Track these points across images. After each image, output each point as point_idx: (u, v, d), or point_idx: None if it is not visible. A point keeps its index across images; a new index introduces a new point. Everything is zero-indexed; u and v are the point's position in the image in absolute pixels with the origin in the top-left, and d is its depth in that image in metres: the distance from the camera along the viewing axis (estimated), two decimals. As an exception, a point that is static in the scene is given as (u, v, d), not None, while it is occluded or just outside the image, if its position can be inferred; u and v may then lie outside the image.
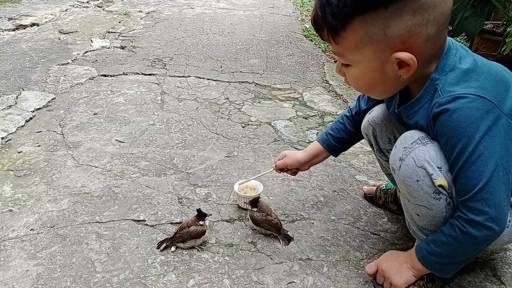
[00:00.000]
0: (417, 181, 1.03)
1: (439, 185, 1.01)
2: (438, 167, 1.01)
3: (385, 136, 1.31)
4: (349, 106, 1.45)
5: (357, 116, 1.41)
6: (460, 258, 1.07)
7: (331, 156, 1.47)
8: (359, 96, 1.43)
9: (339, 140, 1.43)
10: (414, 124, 1.08)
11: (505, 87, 0.99)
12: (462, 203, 1.00)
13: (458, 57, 1.00)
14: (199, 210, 1.33)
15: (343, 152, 1.49)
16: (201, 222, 1.32)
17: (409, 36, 0.91)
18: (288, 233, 1.40)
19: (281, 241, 1.36)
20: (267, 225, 1.36)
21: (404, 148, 1.05)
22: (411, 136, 1.06)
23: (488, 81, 0.97)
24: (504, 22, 2.99)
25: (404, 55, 0.93)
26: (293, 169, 1.50)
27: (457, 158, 0.97)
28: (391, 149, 1.29)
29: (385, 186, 1.55)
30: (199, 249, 1.31)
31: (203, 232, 1.31)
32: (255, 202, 1.41)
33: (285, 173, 1.53)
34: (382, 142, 1.33)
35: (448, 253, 1.05)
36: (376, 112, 1.31)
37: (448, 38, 1.03)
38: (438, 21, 0.91)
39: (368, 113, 1.35)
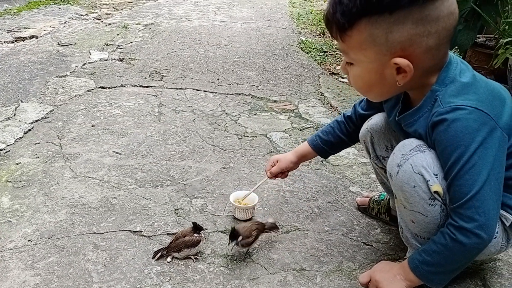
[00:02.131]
0: (414, 186, 1.07)
1: (435, 191, 1.05)
2: (434, 174, 1.05)
3: (382, 143, 1.36)
4: (343, 113, 1.50)
5: (349, 121, 1.46)
6: (451, 266, 1.09)
7: (323, 160, 1.53)
8: (355, 104, 1.48)
9: (326, 142, 1.48)
10: (413, 132, 1.12)
11: (501, 102, 1.04)
12: (453, 210, 1.04)
13: (458, 70, 1.05)
14: (194, 223, 1.35)
15: (333, 155, 1.56)
16: (196, 234, 1.34)
17: (409, 44, 0.97)
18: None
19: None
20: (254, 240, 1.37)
21: (402, 154, 1.09)
22: (409, 143, 1.10)
23: (485, 95, 1.02)
24: (496, 36, 3.05)
25: (401, 61, 0.98)
26: (286, 173, 1.56)
27: (452, 166, 1.01)
28: (387, 157, 1.34)
29: (378, 197, 1.58)
30: (195, 259, 1.33)
31: (198, 241, 1.33)
32: (235, 235, 1.31)
33: (278, 178, 1.57)
34: (379, 149, 1.38)
35: (439, 262, 1.08)
36: (375, 119, 1.36)
37: (450, 53, 1.08)
38: (440, 35, 0.97)
39: (367, 121, 1.39)
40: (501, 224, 1.12)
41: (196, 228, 1.35)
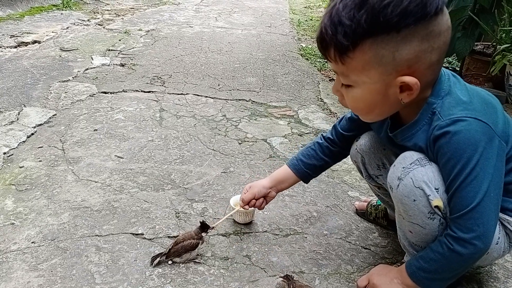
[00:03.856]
0: (414, 200, 1.06)
1: (435, 206, 1.05)
2: (435, 189, 1.05)
3: (373, 163, 1.36)
4: (321, 134, 1.46)
5: (332, 143, 1.42)
6: (448, 274, 1.11)
7: (302, 181, 1.47)
8: (334, 124, 1.44)
9: (309, 166, 1.44)
10: (413, 146, 1.11)
11: (494, 110, 1.05)
12: (453, 220, 1.04)
13: (452, 82, 1.06)
14: (202, 222, 1.37)
15: (314, 178, 1.49)
16: (203, 234, 1.36)
17: (415, 61, 0.95)
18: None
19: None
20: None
21: (403, 168, 1.08)
22: (410, 156, 1.09)
23: (480, 104, 1.02)
24: (493, 44, 3.09)
25: (410, 79, 0.96)
26: (260, 200, 1.48)
27: (456, 178, 1.01)
28: (380, 175, 1.36)
29: (376, 202, 1.61)
30: (195, 262, 1.36)
31: (197, 245, 1.35)
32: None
33: (253, 208, 1.49)
34: (371, 168, 1.38)
35: (436, 269, 1.09)
36: (364, 140, 1.36)
37: None
38: (441, 49, 0.97)
39: (355, 141, 1.39)
40: (503, 228, 1.14)
41: (204, 227, 1.37)
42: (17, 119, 2.34)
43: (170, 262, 1.35)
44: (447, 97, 1.03)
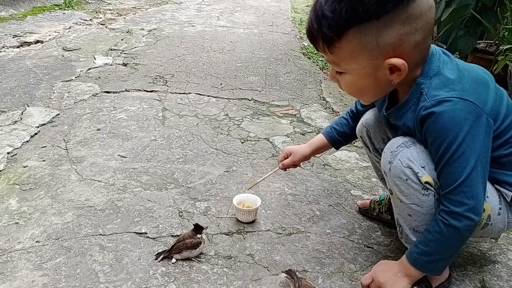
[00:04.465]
0: (406, 180, 1.13)
1: (425, 182, 1.12)
2: (421, 166, 1.12)
3: (378, 136, 1.41)
4: (356, 103, 1.54)
5: (357, 115, 1.51)
6: (448, 252, 1.14)
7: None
8: (356, 100, 1.53)
9: (341, 134, 1.54)
10: (402, 125, 1.18)
11: (485, 87, 1.09)
12: (444, 196, 1.10)
13: (441, 62, 1.09)
14: (196, 224, 1.39)
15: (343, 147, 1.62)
16: (198, 235, 1.37)
17: (399, 44, 1.00)
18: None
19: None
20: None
21: (391, 152, 1.17)
22: (396, 141, 1.18)
23: (469, 83, 1.06)
24: (496, 42, 3.08)
25: (396, 60, 1.01)
26: (297, 165, 1.61)
27: (443, 155, 1.06)
28: None
29: (379, 198, 1.61)
30: (197, 261, 1.36)
31: (199, 244, 1.36)
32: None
33: (288, 169, 1.63)
34: (377, 142, 1.43)
35: (437, 250, 1.13)
36: (369, 115, 1.42)
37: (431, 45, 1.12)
38: (425, 29, 1.01)
39: (362, 117, 1.45)
40: (503, 200, 1.18)
41: (198, 228, 1.38)
42: (21, 119, 2.35)
43: (174, 260, 1.36)
44: (435, 78, 1.07)
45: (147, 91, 2.89)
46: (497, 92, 1.11)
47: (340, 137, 1.55)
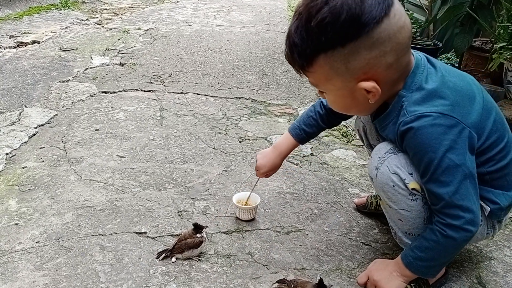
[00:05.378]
0: (393, 186, 1.14)
1: (412, 188, 1.12)
2: (409, 173, 1.12)
3: (374, 133, 1.41)
4: (320, 100, 1.48)
5: (330, 111, 1.45)
6: (444, 259, 1.16)
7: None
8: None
9: (310, 134, 1.52)
10: (386, 136, 1.19)
11: (470, 100, 1.07)
12: (438, 210, 1.09)
13: (425, 75, 1.08)
14: (195, 224, 1.40)
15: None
16: (198, 235, 1.38)
17: (369, 68, 1.00)
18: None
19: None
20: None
21: (379, 158, 1.17)
22: (384, 147, 1.18)
23: (453, 96, 1.05)
24: (492, 40, 3.10)
25: (366, 84, 1.02)
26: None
27: (425, 171, 1.07)
28: None
29: (375, 193, 1.63)
30: (198, 260, 1.37)
31: (200, 243, 1.37)
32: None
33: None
34: (371, 138, 1.44)
35: (433, 257, 1.13)
36: None
37: (419, 54, 1.11)
38: (396, 50, 0.99)
39: None
40: (482, 213, 1.18)
41: (197, 228, 1.39)
42: (19, 120, 2.35)
43: (174, 259, 1.37)
44: (417, 92, 1.06)
45: (144, 91, 2.90)
46: (484, 106, 1.09)
47: (309, 137, 1.53)
